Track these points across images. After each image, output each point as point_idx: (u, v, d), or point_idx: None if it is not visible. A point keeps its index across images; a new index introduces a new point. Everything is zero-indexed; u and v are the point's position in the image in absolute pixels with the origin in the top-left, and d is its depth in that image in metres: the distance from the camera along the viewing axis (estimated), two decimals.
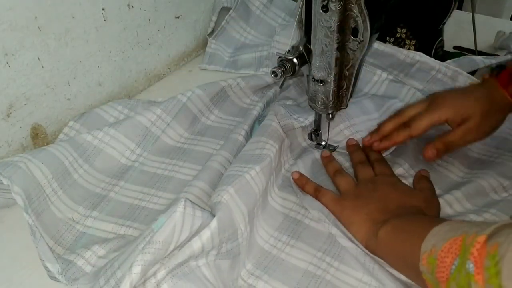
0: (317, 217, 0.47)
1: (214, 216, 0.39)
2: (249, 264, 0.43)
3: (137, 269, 0.34)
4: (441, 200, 0.47)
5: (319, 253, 0.43)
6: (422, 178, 0.50)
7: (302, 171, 0.52)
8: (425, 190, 0.48)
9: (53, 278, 0.41)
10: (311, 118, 0.56)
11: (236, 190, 0.42)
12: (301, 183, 0.50)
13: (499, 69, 0.51)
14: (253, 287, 0.41)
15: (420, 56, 0.66)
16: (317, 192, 0.49)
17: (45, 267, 0.41)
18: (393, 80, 0.65)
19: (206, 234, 0.37)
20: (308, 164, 0.54)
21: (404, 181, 0.51)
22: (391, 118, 0.54)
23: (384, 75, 0.65)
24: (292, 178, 0.51)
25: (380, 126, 0.54)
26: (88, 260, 0.42)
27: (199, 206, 0.39)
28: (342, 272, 0.42)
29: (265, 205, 0.48)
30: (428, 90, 0.65)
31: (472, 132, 0.49)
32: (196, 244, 0.37)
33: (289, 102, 0.63)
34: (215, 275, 0.38)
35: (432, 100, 0.52)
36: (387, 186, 0.47)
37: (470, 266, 0.29)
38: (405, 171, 0.53)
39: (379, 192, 0.47)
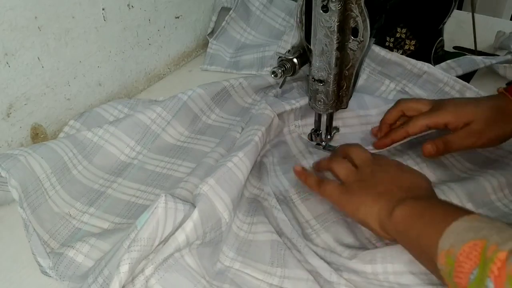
0: (273, 204, 0.47)
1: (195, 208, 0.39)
2: (224, 246, 0.43)
3: (124, 268, 0.34)
4: (436, 190, 0.45)
5: (278, 228, 0.44)
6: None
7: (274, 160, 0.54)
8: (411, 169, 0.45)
9: (44, 273, 0.41)
10: (303, 101, 0.56)
11: (217, 180, 0.42)
12: (304, 177, 0.48)
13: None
14: (231, 268, 0.41)
15: (428, 67, 0.65)
16: (320, 183, 0.46)
17: (37, 262, 0.41)
18: (400, 91, 0.64)
19: (189, 225, 0.38)
20: (281, 153, 0.55)
21: None
22: (393, 107, 0.54)
23: (392, 85, 0.65)
24: (294, 172, 0.50)
25: (383, 118, 0.55)
26: (79, 249, 0.42)
27: (180, 199, 0.39)
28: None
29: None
30: None
31: (472, 136, 0.49)
32: (180, 237, 0.37)
33: None
34: (197, 262, 0.39)
35: (436, 103, 0.52)
36: (392, 166, 0.45)
37: (490, 285, 0.29)
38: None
39: (386, 173, 0.44)
